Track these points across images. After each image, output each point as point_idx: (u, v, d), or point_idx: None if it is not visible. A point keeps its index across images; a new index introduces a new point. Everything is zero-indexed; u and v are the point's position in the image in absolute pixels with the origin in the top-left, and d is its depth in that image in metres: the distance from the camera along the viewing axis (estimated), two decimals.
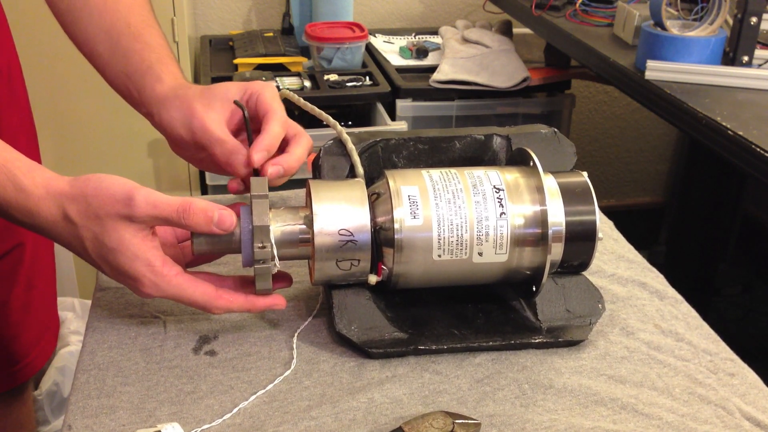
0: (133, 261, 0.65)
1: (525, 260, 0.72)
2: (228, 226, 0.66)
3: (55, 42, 1.71)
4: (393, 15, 2.34)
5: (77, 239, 0.66)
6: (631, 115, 2.54)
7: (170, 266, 0.67)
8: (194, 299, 0.68)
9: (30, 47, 1.21)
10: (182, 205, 0.65)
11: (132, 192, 0.64)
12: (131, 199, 0.64)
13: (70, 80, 1.80)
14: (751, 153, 1.09)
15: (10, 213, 0.66)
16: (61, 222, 0.65)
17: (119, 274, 0.67)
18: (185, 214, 0.65)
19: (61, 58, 1.74)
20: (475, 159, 0.80)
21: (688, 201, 2.17)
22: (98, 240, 0.65)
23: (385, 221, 0.71)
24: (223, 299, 0.69)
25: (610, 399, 0.69)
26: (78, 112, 1.84)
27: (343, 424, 0.65)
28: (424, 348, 0.73)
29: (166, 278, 0.66)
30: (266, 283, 0.69)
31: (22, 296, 1.02)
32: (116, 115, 1.82)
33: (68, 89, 1.81)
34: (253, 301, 0.70)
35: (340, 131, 0.78)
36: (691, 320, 0.81)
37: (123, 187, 0.64)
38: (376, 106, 1.84)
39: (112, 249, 0.65)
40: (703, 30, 1.34)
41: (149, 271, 0.66)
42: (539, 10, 1.75)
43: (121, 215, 0.64)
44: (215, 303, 0.69)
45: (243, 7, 2.25)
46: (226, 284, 0.71)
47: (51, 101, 1.80)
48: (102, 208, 0.64)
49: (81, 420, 0.65)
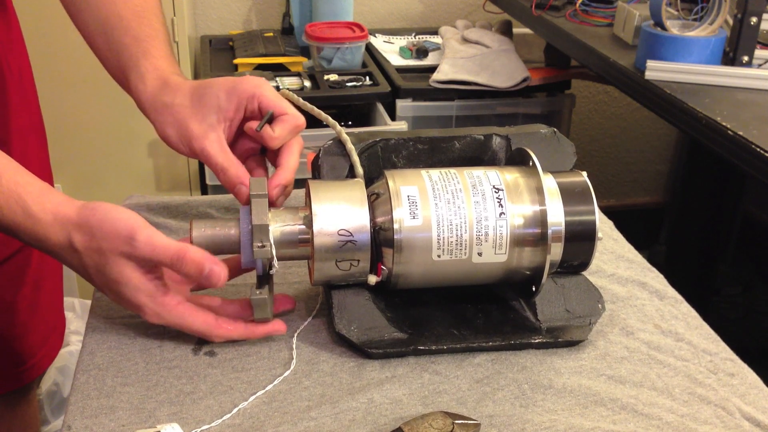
0: (135, 292, 0.68)
1: (524, 260, 0.72)
2: (215, 282, 0.68)
3: (57, 43, 1.71)
4: (393, 15, 2.34)
5: (82, 267, 0.68)
6: (631, 115, 2.53)
7: (172, 296, 0.69)
8: (195, 328, 0.70)
9: (38, 49, 1.22)
10: (177, 253, 0.66)
11: (135, 231, 0.65)
12: (133, 239, 0.65)
13: (71, 81, 1.80)
14: (751, 153, 1.09)
15: (19, 236, 0.68)
16: (67, 248, 0.67)
17: (122, 301, 0.69)
18: (179, 263, 0.66)
19: (64, 59, 1.75)
20: (474, 159, 0.80)
21: (688, 201, 2.17)
22: (101, 271, 0.67)
23: (385, 221, 0.71)
24: (222, 329, 0.71)
25: (610, 399, 0.69)
26: (78, 112, 1.84)
27: (343, 425, 0.65)
28: (424, 348, 0.73)
29: (167, 308, 0.69)
30: (264, 313, 0.71)
31: (29, 297, 1.02)
32: (117, 116, 1.82)
33: (69, 89, 1.81)
34: (252, 330, 0.73)
35: (339, 131, 0.78)
36: (691, 320, 0.81)
37: (126, 224, 0.66)
38: (376, 106, 1.84)
39: (115, 280, 0.67)
40: (703, 30, 1.34)
41: (151, 301, 0.68)
42: (539, 10, 1.75)
43: (123, 252, 0.66)
44: (215, 332, 0.71)
45: (243, 7, 2.25)
46: (229, 310, 0.74)
47: (54, 102, 1.80)
48: (105, 241, 0.65)
49: (81, 420, 0.65)
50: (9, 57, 0.94)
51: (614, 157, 2.60)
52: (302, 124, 0.77)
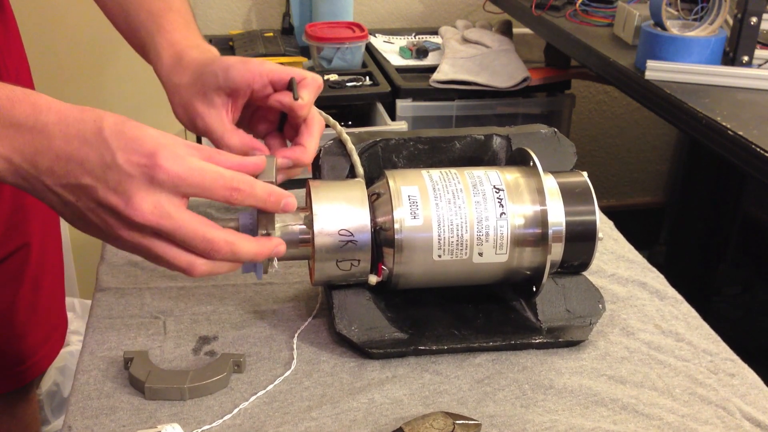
0: (157, 138, 0.60)
1: (525, 260, 0.72)
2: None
3: (55, 44, 1.71)
4: (393, 15, 2.34)
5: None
6: (631, 115, 2.53)
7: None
8: (221, 174, 0.61)
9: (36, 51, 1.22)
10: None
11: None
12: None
13: (70, 82, 1.80)
14: (751, 153, 1.09)
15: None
16: (79, 115, 0.60)
17: (130, 152, 0.58)
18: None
19: (62, 60, 1.75)
20: (475, 159, 0.80)
21: (688, 201, 2.17)
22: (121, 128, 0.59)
23: (385, 221, 0.71)
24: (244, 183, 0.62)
25: (611, 399, 0.69)
26: None
27: (344, 425, 0.65)
28: (425, 348, 0.73)
29: (189, 155, 0.60)
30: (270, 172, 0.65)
31: (28, 296, 1.02)
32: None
33: (67, 91, 1.81)
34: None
35: (340, 131, 0.78)
36: (691, 320, 0.81)
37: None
38: (376, 106, 1.84)
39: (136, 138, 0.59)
40: (703, 30, 1.34)
41: (172, 144, 0.59)
42: (539, 10, 1.75)
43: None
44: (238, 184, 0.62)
45: (243, 7, 2.25)
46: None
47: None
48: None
49: (81, 420, 0.65)
50: (7, 58, 0.94)
51: (614, 157, 2.60)
52: (321, 84, 0.75)
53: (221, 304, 0.80)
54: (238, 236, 0.63)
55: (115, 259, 0.87)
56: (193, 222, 0.60)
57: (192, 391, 0.67)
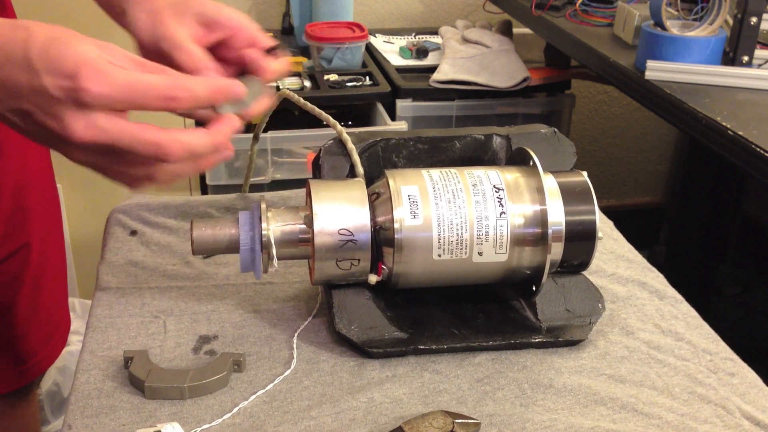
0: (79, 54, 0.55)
1: (525, 260, 0.72)
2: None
3: None
4: (393, 15, 2.34)
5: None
6: (631, 115, 2.53)
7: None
8: (151, 85, 0.57)
9: None
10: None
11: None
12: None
13: None
14: (751, 153, 1.09)
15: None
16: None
17: (54, 75, 0.55)
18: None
19: None
20: (475, 159, 0.80)
21: (688, 201, 2.16)
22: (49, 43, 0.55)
23: (385, 221, 0.71)
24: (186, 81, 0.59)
25: (610, 398, 0.69)
26: None
27: (343, 424, 0.65)
28: (424, 348, 0.73)
29: (115, 69, 0.56)
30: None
31: (29, 296, 1.02)
32: None
33: None
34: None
35: (340, 131, 0.78)
36: (691, 320, 0.81)
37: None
38: (376, 106, 1.84)
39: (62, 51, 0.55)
40: (703, 30, 1.34)
41: (97, 61, 0.55)
42: (539, 10, 1.75)
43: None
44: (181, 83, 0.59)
45: (243, 7, 2.25)
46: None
47: None
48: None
49: (81, 420, 0.65)
50: None
51: (614, 157, 2.60)
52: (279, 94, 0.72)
53: (221, 304, 0.80)
54: (185, 132, 0.59)
55: (115, 258, 0.87)
56: (131, 129, 0.56)
57: (192, 390, 0.67)
